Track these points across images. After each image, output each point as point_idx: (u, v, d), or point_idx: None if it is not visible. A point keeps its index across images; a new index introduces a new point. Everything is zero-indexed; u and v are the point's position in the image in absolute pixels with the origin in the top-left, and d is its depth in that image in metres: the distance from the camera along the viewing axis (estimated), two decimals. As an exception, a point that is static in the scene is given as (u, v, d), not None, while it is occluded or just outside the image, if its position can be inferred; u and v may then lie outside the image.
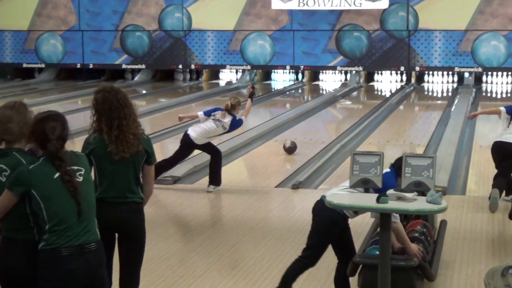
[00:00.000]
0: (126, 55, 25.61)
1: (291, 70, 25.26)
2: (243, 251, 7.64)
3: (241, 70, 25.67)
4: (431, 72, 24.53)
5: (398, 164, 5.82)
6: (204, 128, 10.01)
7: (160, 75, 26.44)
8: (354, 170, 5.64)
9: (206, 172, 10.34)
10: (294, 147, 12.62)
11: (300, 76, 25.69)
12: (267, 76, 26.16)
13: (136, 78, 26.30)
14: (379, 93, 23.55)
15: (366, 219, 7.85)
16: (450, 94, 22.19)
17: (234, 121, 10.08)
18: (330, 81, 25.22)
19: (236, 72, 26.01)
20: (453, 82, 24.42)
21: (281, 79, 25.81)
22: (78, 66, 25.99)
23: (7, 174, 4.31)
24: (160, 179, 10.32)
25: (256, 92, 23.47)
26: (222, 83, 25.49)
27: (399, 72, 24.65)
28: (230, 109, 10.07)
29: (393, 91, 23.06)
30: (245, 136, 14.21)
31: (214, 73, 26.46)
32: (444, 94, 22.76)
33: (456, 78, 24.47)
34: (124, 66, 25.88)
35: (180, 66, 25.52)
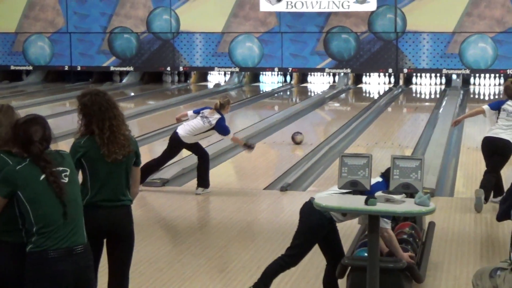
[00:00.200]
0: (114, 57, 25.57)
1: (280, 72, 25.28)
2: (232, 254, 7.64)
3: (230, 72, 25.67)
4: (419, 74, 24.59)
5: (389, 174, 5.76)
6: (192, 126, 10.01)
7: (148, 77, 26.41)
8: (343, 172, 5.64)
9: (195, 175, 10.32)
10: (302, 139, 13.86)
11: (289, 78, 25.72)
12: (256, 78, 26.17)
13: (124, 81, 26.26)
14: (367, 95, 23.59)
15: (355, 221, 7.85)
16: (438, 96, 22.25)
17: (222, 121, 10.06)
18: (319, 83, 25.25)
19: (225, 74, 26.01)
20: (441, 84, 24.50)
21: (270, 81, 25.83)
22: (66, 69, 25.94)
23: None
24: (149, 182, 10.31)
25: (245, 94, 23.50)
26: (211, 85, 25.48)
27: (387, 74, 24.71)
28: (219, 108, 10.08)
29: (381, 93, 23.10)
30: (234, 138, 14.20)
31: (203, 75, 26.46)
32: (432, 96, 22.81)
33: (444, 80, 24.54)
34: (112, 68, 25.84)
35: (168, 68, 25.50)
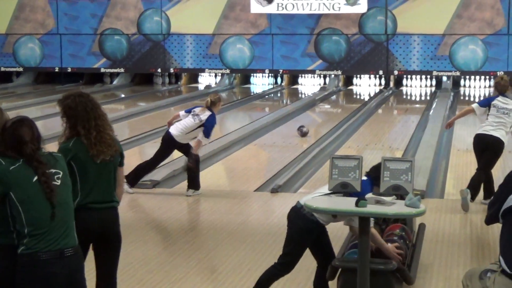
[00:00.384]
0: (105, 59, 25.53)
1: (270, 74, 25.30)
2: (223, 255, 7.64)
3: (220, 74, 25.67)
4: (410, 76, 24.63)
5: (375, 174, 5.79)
6: (184, 125, 10.03)
7: (139, 79, 26.38)
8: (333, 174, 5.64)
9: (185, 176, 10.32)
10: (307, 131, 14.77)
11: (279, 80, 25.73)
12: (246, 80, 26.18)
13: (115, 82, 26.23)
14: (358, 97, 23.62)
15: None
16: (429, 98, 22.29)
17: (212, 118, 10.06)
18: (309, 85, 25.27)
19: (215, 76, 26.01)
20: (431, 86, 24.54)
21: (260, 83, 25.84)
22: (57, 70, 25.88)
23: None
24: (139, 184, 10.31)
25: (236, 96, 23.49)
26: (201, 87, 25.47)
27: (378, 76, 24.75)
28: (210, 106, 10.09)
29: (372, 95, 23.14)
30: (224, 140, 14.21)
31: (193, 77, 26.45)
32: (423, 98, 22.86)
33: (434, 82, 24.59)
34: (103, 70, 25.80)
35: (159, 70, 25.48)
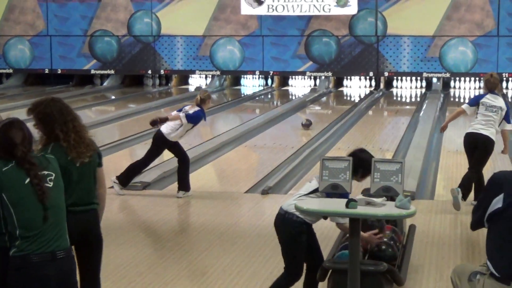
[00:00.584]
0: (95, 61, 25.49)
1: (261, 76, 25.29)
2: (213, 257, 7.63)
3: (211, 76, 25.66)
4: (400, 78, 24.68)
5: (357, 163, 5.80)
6: (174, 122, 10.04)
7: (129, 81, 26.35)
8: (324, 176, 5.65)
9: (176, 178, 10.31)
10: (310, 123, 15.56)
11: (270, 82, 25.74)
12: (237, 82, 26.18)
13: (105, 84, 26.20)
14: (348, 99, 23.64)
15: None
16: (419, 100, 22.34)
17: (200, 111, 10.06)
18: (300, 87, 25.28)
19: (206, 78, 26.00)
20: (422, 88, 24.59)
21: (251, 85, 25.84)
22: (46, 72, 25.83)
23: None
24: (130, 185, 10.29)
25: (226, 98, 23.49)
26: (192, 89, 25.46)
27: (368, 78, 24.78)
28: (200, 103, 10.11)
29: (362, 96, 23.16)
30: (215, 142, 14.21)
31: (184, 79, 26.44)
32: (413, 100, 22.91)
33: (424, 84, 24.65)
34: (93, 72, 25.76)
35: (149, 72, 25.45)
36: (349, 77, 25.07)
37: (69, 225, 4.88)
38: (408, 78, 24.61)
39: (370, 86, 24.92)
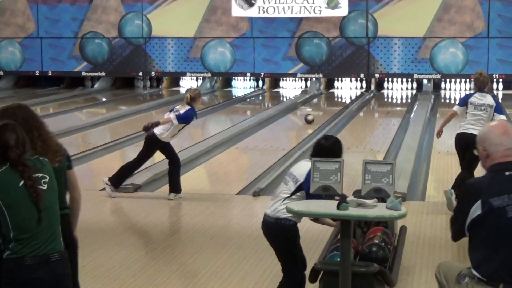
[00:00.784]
0: (86, 63, 25.46)
1: (252, 77, 25.30)
2: (204, 259, 7.63)
3: (202, 78, 25.66)
4: (391, 79, 24.72)
5: (316, 150, 5.79)
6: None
7: (120, 83, 26.32)
8: (315, 177, 5.65)
9: (167, 180, 10.29)
10: (313, 118, 16.29)
11: (261, 83, 25.75)
12: (228, 83, 26.18)
13: (96, 86, 26.16)
14: (339, 100, 23.67)
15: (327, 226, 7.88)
16: (409, 101, 22.37)
17: (191, 111, 10.06)
18: (291, 88, 25.30)
19: (197, 80, 25.99)
20: (412, 89, 24.64)
21: (242, 86, 25.84)
22: (37, 74, 25.78)
23: None
24: (121, 187, 10.28)
25: (217, 99, 23.49)
26: (183, 91, 25.42)
27: (359, 79, 24.82)
28: (190, 101, 10.10)
29: (353, 98, 23.19)
30: (206, 143, 14.21)
31: (175, 81, 26.42)
32: (404, 101, 22.95)
33: (415, 85, 24.70)
34: (84, 74, 25.72)
35: (140, 74, 25.43)
36: (340, 79, 25.09)
37: None
38: (399, 80, 24.66)
39: (361, 88, 24.96)
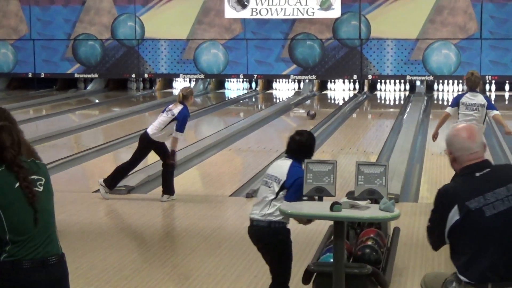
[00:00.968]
0: (79, 64, 25.44)
1: (245, 79, 25.31)
2: (198, 261, 7.62)
3: (195, 79, 25.65)
4: (384, 81, 24.76)
5: (293, 147, 5.77)
6: (158, 121, 10.07)
7: (113, 84, 26.30)
8: (308, 179, 5.66)
9: (160, 182, 10.29)
10: (315, 113, 16.80)
11: (254, 85, 25.76)
12: (221, 85, 26.18)
13: (89, 88, 26.14)
14: (332, 102, 23.69)
15: (321, 227, 7.89)
16: (402, 102, 22.40)
17: (185, 110, 10.05)
18: (284, 90, 25.31)
19: (190, 81, 25.98)
20: (405, 90, 24.68)
21: (235, 88, 25.85)
22: (30, 76, 25.74)
23: None
24: (114, 189, 10.26)
25: (210, 101, 23.49)
26: (176, 92, 25.41)
27: (352, 81, 24.85)
28: (183, 100, 10.10)
29: (346, 99, 23.22)
30: (199, 145, 14.20)
31: (168, 82, 26.41)
32: (397, 102, 22.97)
33: (408, 86, 24.73)
34: (77, 75, 25.69)
35: (133, 75, 25.41)
36: (333, 80, 25.12)
37: None
38: (392, 81, 24.70)
39: (354, 89, 24.99)
